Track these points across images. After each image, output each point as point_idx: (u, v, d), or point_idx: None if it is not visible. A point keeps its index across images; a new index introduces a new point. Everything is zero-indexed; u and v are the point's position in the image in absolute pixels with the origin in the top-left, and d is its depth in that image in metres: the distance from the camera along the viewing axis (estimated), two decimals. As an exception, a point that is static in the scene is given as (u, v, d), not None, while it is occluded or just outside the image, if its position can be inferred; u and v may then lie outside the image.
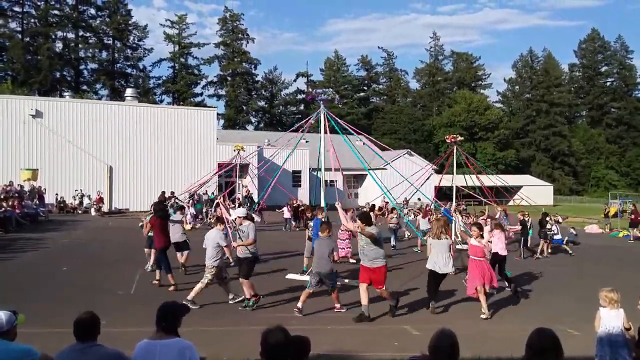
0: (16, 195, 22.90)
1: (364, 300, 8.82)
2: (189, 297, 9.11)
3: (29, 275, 11.98)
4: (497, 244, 11.58)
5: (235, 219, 10.00)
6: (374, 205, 20.45)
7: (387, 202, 27.69)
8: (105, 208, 30.06)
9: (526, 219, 18.98)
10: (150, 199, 25.41)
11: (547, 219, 18.56)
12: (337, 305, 9.35)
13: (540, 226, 18.22)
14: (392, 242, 18.16)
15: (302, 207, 23.21)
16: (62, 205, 29.34)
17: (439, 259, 9.54)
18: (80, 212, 29.24)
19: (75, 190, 30.25)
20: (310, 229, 13.08)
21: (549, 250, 18.12)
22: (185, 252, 12.70)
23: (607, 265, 16.43)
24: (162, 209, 11.36)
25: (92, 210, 29.22)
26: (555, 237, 18.74)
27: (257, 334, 3.54)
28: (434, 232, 9.86)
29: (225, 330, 8.11)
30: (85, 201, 30.14)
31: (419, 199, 29.81)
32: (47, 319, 7.93)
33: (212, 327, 8.15)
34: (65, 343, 3.95)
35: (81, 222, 24.66)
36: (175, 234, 12.51)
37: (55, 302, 9.47)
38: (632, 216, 25.41)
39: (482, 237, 9.88)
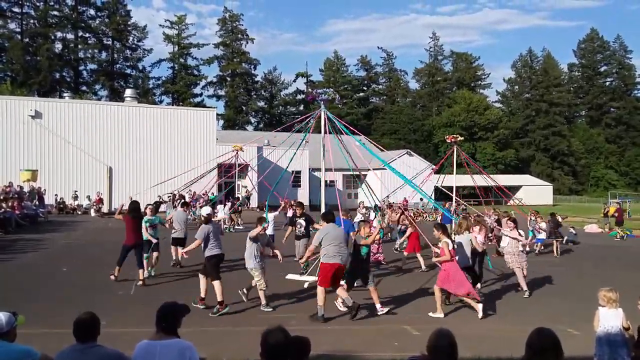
0: (16, 196, 22.91)
1: (320, 302, 8.73)
2: (263, 303, 9.18)
3: (28, 276, 11.98)
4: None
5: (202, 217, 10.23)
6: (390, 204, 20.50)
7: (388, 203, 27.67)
8: (104, 209, 30.07)
9: (540, 219, 18.86)
10: (150, 200, 25.41)
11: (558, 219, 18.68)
12: (378, 306, 9.11)
13: (555, 226, 18.22)
14: (397, 245, 18.10)
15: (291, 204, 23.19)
16: (61, 206, 29.34)
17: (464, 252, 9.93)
18: (79, 212, 29.24)
19: (75, 190, 30.26)
20: (299, 226, 13.05)
21: (559, 252, 18.07)
22: (180, 248, 12.93)
23: (606, 265, 16.43)
24: (134, 209, 11.50)
25: (92, 211, 29.23)
26: (539, 236, 18.44)
27: (257, 335, 3.54)
28: (458, 230, 10.08)
29: (225, 331, 8.10)
30: (85, 202, 30.14)
31: (421, 199, 29.87)
32: (47, 320, 7.93)
33: (212, 327, 8.14)
34: (65, 343, 3.95)
35: (81, 222, 24.66)
36: (179, 230, 13.30)
37: (55, 302, 9.46)
38: (617, 214, 25.62)
39: (448, 236, 9.59)
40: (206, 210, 10.04)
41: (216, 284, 9.02)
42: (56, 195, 29.55)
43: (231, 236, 18.02)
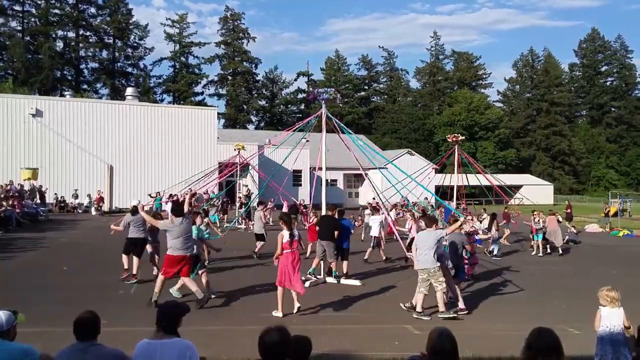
0: (16, 194, 22.90)
1: (157, 289, 9.22)
2: (418, 309, 9.00)
3: (29, 274, 11.99)
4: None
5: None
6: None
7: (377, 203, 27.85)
8: (105, 207, 30.05)
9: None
10: (149, 198, 25.41)
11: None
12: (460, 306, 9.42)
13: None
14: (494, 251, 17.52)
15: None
16: (62, 204, 29.34)
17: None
18: (80, 211, 29.24)
19: (76, 189, 30.24)
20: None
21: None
22: (261, 243, 14.98)
23: (607, 265, 16.42)
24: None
25: (93, 209, 29.22)
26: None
27: (257, 334, 3.53)
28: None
29: (226, 330, 8.10)
30: (86, 200, 30.11)
31: (426, 198, 29.83)
32: (47, 319, 7.93)
33: (212, 326, 8.14)
34: (65, 342, 3.94)
35: (81, 221, 24.66)
36: (256, 226, 15.55)
37: (56, 301, 9.46)
38: (568, 210, 26.05)
39: (290, 229, 9.03)
40: (134, 202, 11.62)
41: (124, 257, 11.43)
42: (56, 194, 29.54)
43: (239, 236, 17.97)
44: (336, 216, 12.37)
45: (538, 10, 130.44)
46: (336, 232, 11.83)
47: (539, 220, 18.22)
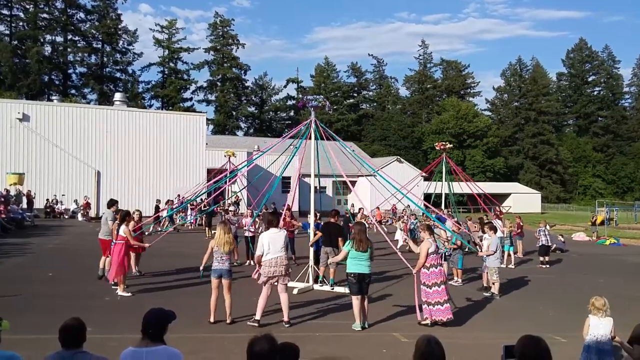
0: (2, 199, 22.64)
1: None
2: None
3: (13, 280, 11.82)
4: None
5: None
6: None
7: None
8: (92, 213, 29.80)
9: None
10: (138, 204, 25.27)
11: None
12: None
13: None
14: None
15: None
16: (48, 210, 29.06)
17: None
18: (66, 217, 28.97)
19: (63, 195, 29.99)
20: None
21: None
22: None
23: (594, 273, 16.53)
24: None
25: (79, 215, 28.97)
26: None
27: (244, 341, 3.50)
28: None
29: (213, 338, 8.02)
30: (72, 206, 29.85)
31: (408, 206, 29.91)
32: (32, 326, 7.82)
33: (199, 334, 8.07)
34: (51, 350, 3.88)
35: (68, 227, 24.42)
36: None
37: (41, 308, 9.34)
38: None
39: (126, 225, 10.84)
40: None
41: None
42: (47, 199, 29.29)
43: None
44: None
45: (523, 21, 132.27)
46: (340, 239, 11.75)
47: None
